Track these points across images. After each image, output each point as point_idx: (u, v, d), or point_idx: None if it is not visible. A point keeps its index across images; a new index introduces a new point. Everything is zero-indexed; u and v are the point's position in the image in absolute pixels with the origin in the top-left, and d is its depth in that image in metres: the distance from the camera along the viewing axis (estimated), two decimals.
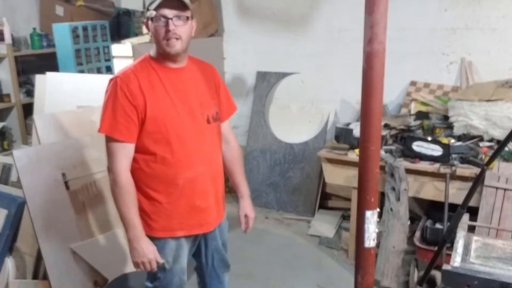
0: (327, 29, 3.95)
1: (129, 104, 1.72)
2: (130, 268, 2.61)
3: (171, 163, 1.80)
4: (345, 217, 3.82)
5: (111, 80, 1.79)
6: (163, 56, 1.80)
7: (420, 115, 3.45)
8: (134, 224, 1.77)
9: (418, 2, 3.54)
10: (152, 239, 1.83)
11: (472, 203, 2.32)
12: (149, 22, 1.75)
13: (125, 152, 1.75)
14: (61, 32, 3.17)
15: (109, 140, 1.75)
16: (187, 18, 1.75)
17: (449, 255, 1.84)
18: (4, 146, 3.92)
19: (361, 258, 1.40)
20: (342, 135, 3.15)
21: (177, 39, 1.73)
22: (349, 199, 3.51)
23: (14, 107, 3.95)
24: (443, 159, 2.80)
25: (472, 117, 2.97)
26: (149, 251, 1.79)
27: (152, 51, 1.83)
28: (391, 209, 2.85)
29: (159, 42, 1.75)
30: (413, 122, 3.37)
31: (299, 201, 4.06)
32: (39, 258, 2.57)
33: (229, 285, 2.97)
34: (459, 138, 3.07)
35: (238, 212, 2.22)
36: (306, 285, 3.02)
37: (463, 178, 2.70)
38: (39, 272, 2.63)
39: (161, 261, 1.85)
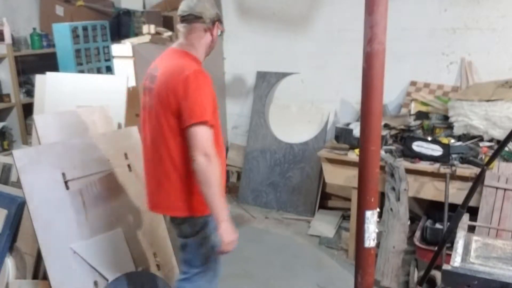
0: (327, 29, 3.96)
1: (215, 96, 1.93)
2: (130, 268, 2.62)
3: (219, 147, 1.97)
4: (345, 217, 3.82)
5: (197, 73, 1.87)
6: (203, 59, 2.07)
7: (420, 115, 3.46)
8: (224, 205, 1.86)
9: (418, 2, 3.55)
10: (208, 216, 1.95)
11: (472, 203, 2.33)
12: (213, 31, 2.03)
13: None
14: (61, 32, 3.16)
15: (206, 126, 1.83)
16: None
17: (449, 255, 1.85)
18: (4, 146, 3.92)
19: (361, 258, 1.41)
20: (342, 135, 3.16)
21: None
22: (349, 199, 3.51)
23: (14, 107, 3.95)
24: (443, 159, 2.80)
25: (472, 117, 2.97)
26: (234, 231, 1.89)
27: (196, 53, 2.02)
28: (391, 209, 2.86)
29: (211, 49, 2.08)
30: (413, 122, 3.38)
31: (299, 201, 4.07)
32: (39, 258, 2.57)
33: (229, 285, 2.98)
34: (459, 138, 3.08)
35: None
36: (306, 285, 3.03)
37: (463, 178, 2.71)
38: (39, 272, 2.63)
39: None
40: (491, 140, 2.98)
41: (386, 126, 3.28)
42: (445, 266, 1.70)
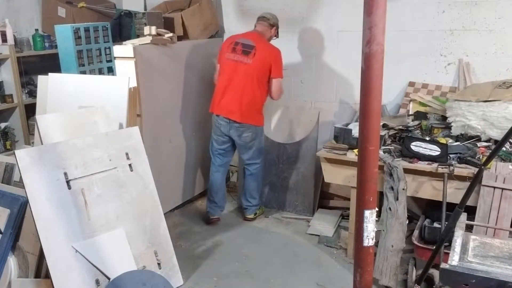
0: (326, 30, 3.98)
1: None
2: (131, 267, 2.64)
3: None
4: (344, 216, 3.84)
5: (278, 50, 3.60)
6: None
7: (419, 116, 3.48)
8: None
9: (416, 3, 3.57)
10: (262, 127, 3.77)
11: (469, 202, 2.34)
12: (272, 31, 3.72)
13: None
14: (63, 33, 3.17)
15: (280, 79, 3.60)
16: None
17: (447, 254, 1.85)
18: (6, 146, 3.93)
19: (360, 257, 1.41)
20: (341, 135, 3.18)
21: None
22: (348, 199, 3.53)
23: (17, 108, 3.96)
24: (441, 159, 2.82)
25: (469, 117, 2.99)
26: None
27: (267, 39, 3.68)
28: (390, 209, 2.88)
29: (269, 40, 3.72)
30: (411, 122, 3.41)
31: (298, 201, 4.08)
32: (41, 257, 2.59)
33: (230, 283, 2.99)
34: (457, 138, 3.10)
35: None
36: (306, 283, 3.05)
37: (461, 178, 2.73)
38: (41, 271, 2.64)
39: None
40: (488, 140, 3.00)
41: (385, 126, 3.30)
42: (443, 265, 1.70)
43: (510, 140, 2.84)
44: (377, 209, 1.39)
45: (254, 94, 3.54)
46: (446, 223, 2.31)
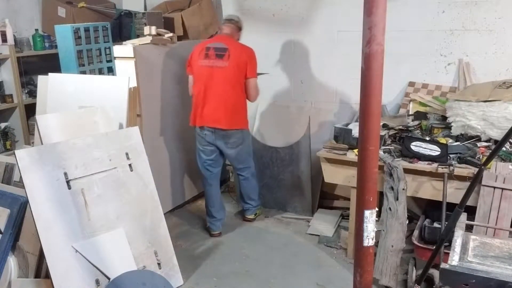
0: (326, 30, 3.98)
1: None
2: (131, 267, 2.64)
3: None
4: (344, 216, 3.84)
5: (252, 49, 3.48)
6: None
7: (419, 116, 3.48)
8: None
9: (416, 3, 3.57)
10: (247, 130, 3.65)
11: (469, 202, 2.34)
12: (239, 33, 3.64)
13: None
14: (63, 33, 3.17)
15: (255, 79, 3.46)
16: None
17: (447, 254, 1.85)
18: (6, 146, 3.94)
19: (360, 257, 1.40)
20: (341, 135, 3.18)
21: None
22: (348, 199, 3.53)
23: (17, 108, 3.97)
24: (441, 159, 2.82)
25: (469, 117, 2.99)
26: None
27: (236, 40, 3.57)
28: (390, 209, 2.88)
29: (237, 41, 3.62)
30: (411, 122, 3.41)
31: (297, 202, 4.07)
32: (41, 257, 2.59)
33: (230, 283, 2.99)
34: (457, 138, 3.10)
35: None
36: (306, 283, 3.05)
37: (461, 178, 2.73)
38: (41, 271, 2.65)
39: None
40: (488, 140, 3.00)
41: (385, 126, 3.30)
42: (443, 265, 1.70)
43: (510, 140, 2.84)
44: (377, 209, 1.39)
45: (236, 97, 3.41)
46: (446, 223, 2.31)
